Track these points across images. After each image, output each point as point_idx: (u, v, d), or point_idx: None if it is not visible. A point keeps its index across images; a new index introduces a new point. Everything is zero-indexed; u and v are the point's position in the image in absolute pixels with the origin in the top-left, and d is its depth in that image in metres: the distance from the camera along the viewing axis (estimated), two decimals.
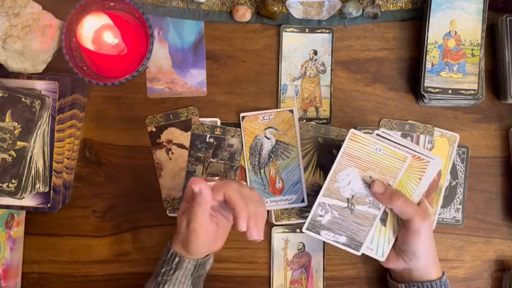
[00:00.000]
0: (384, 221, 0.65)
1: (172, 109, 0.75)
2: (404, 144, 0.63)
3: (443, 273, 0.66)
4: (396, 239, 0.66)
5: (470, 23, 0.69)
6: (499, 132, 0.75)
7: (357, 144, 0.63)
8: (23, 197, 0.67)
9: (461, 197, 0.74)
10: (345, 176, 0.64)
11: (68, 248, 0.76)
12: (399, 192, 0.63)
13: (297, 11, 0.73)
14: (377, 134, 0.64)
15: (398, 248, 0.65)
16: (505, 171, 0.74)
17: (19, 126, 0.66)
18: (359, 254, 0.66)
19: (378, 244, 0.66)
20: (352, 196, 0.64)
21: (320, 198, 0.65)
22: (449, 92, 0.69)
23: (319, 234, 0.66)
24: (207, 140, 0.74)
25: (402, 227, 0.64)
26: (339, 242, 0.66)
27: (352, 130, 0.62)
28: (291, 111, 0.74)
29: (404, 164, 0.63)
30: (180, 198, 0.74)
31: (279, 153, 0.74)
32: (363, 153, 0.63)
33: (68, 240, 0.76)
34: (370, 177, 0.64)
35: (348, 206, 0.65)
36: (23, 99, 0.66)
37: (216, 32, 0.75)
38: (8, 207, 0.69)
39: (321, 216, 0.65)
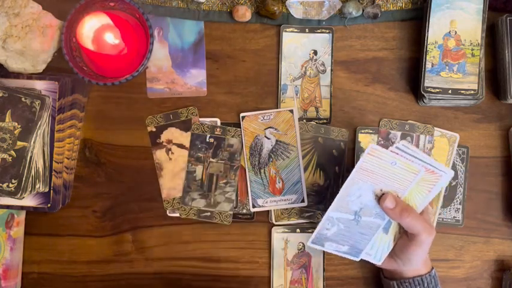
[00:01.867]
0: (386, 229, 0.65)
1: (172, 109, 0.75)
2: (421, 158, 0.61)
3: (432, 267, 0.67)
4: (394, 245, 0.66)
5: (470, 23, 0.69)
6: (499, 132, 0.75)
7: (373, 159, 0.61)
8: (23, 197, 0.67)
9: (461, 197, 0.74)
10: (357, 191, 0.62)
11: (68, 248, 0.76)
12: (409, 208, 0.62)
13: (297, 11, 0.73)
14: (396, 147, 0.61)
15: (395, 252, 0.66)
16: (505, 171, 0.74)
17: (19, 126, 0.66)
18: (358, 259, 0.66)
19: (377, 250, 0.65)
20: (360, 209, 0.63)
21: (328, 214, 0.63)
22: (449, 92, 0.69)
23: (323, 246, 0.65)
24: (207, 140, 0.74)
25: (404, 236, 0.64)
26: (340, 251, 0.65)
27: (371, 145, 0.59)
28: (291, 111, 0.74)
29: (416, 176, 0.61)
30: (180, 198, 0.74)
31: (279, 153, 0.74)
32: (378, 167, 0.61)
33: (68, 240, 0.76)
34: (381, 190, 0.62)
35: (355, 218, 0.63)
36: (23, 99, 0.66)
37: (216, 32, 0.75)
38: (8, 207, 0.69)
39: (327, 229, 0.64)
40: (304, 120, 0.75)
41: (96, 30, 0.69)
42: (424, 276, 0.65)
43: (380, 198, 0.62)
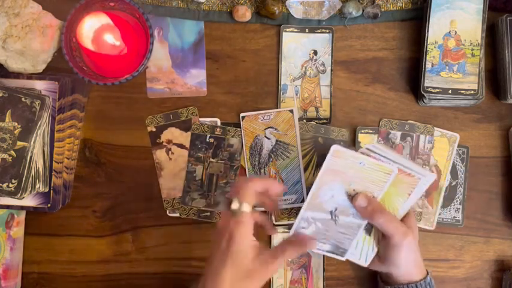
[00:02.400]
0: (368, 230, 0.64)
1: (172, 109, 0.75)
2: (393, 159, 0.61)
3: (427, 272, 0.65)
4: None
5: (470, 23, 0.69)
6: (499, 132, 0.75)
7: (339, 160, 0.60)
8: (23, 197, 0.67)
9: (461, 197, 0.74)
10: (328, 191, 0.61)
11: (68, 248, 0.76)
12: (382, 208, 0.61)
13: (297, 11, 0.73)
14: (367, 148, 0.61)
15: (380, 255, 0.65)
16: (505, 171, 0.74)
17: (19, 126, 0.66)
18: (344, 259, 0.65)
19: (361, 251, 0.65)
20: (336, 208, 0.62)
21: (302, 213, 0.63)
22: (449, 92, 0.69)
23: None
24: (207, 140, 0.74)
25: (384, 238, 0.63)
26: (323, 250, 0.65)
27: (334, 146, 0.59)
28: (291, 111, 0.74)
29: (389, 176, 0.60)
30: (180, 198, 0.74)
31: (279, 153, 0.74)
32: (345, 167, 0.60)
33: (68, 240, 0.76)
34: (354, 190, 0.62)
35: (332, 217, 0.63)
36: (23, 99, 0.66)
37: (216, 32, 0.75)
38: (8, 207, 0.69)
39: (304, 228, 0.64)
40: (304, 120, 0.74)
41: (96, 30, 0.69)
42: (418, 282, 0.63)
43: (353, 197, 0.62)
